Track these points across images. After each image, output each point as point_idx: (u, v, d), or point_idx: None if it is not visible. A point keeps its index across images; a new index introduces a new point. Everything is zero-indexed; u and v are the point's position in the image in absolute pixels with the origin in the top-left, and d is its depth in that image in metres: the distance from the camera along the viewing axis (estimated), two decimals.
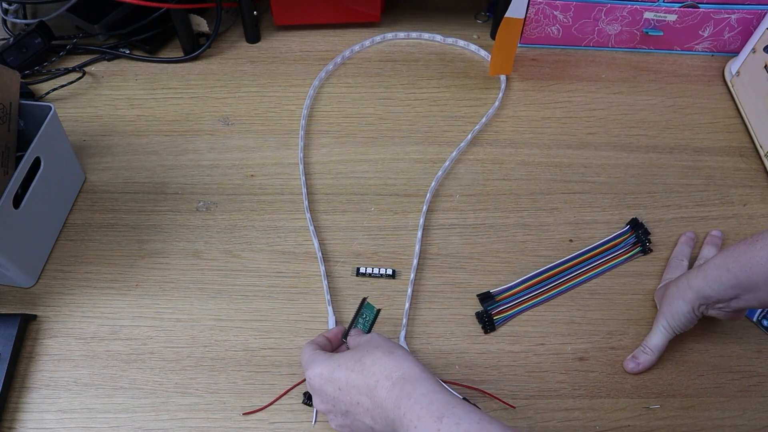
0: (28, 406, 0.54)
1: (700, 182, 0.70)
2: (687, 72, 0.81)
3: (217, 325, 0.59)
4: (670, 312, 0.55)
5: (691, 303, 0.53)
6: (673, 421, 0.54)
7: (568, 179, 0.70)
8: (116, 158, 0.71)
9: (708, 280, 0.52)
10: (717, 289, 0.51)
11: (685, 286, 0.54)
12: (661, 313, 0.56)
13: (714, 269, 0.52)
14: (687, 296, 0.54)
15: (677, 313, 0.55)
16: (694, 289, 0.53)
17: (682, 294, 0.54)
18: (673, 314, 0.55)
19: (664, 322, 0.56)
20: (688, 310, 0.54)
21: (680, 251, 0.63)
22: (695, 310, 0.54)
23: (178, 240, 0.64)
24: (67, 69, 0.79)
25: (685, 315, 0.54)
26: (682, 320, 0.55)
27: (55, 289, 0.61)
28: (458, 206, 0.68)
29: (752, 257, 0.49)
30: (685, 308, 0.54)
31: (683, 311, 0.54)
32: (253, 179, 0.69)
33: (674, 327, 0.55)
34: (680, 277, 0.56)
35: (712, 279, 0.52)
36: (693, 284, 0.53)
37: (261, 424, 0.53)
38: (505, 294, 0.61)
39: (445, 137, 0.73)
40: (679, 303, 0.54)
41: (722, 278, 0.51)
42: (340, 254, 0.64)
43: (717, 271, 0.51)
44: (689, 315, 0.54)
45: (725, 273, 0.51)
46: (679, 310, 0.54)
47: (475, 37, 0.84)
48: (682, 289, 0.54)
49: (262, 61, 0.81)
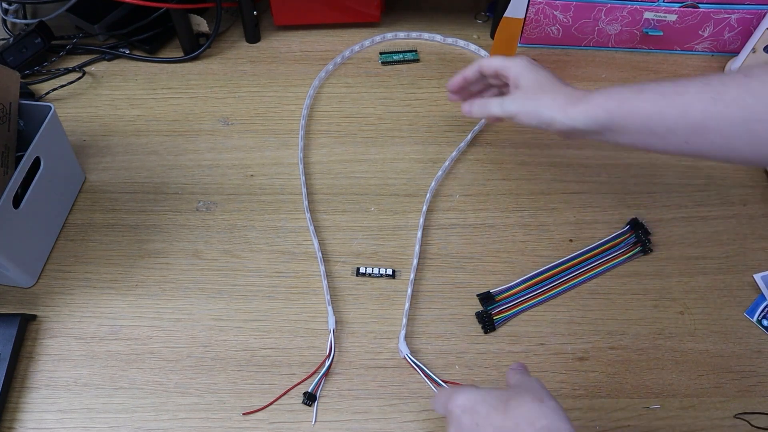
0: (28, 406, 0.54)
1: (700, 182, 0.70)
2: (687, 72, 0.81)
3: (217, 325, 0.59)
4: (533, 103, 0.55)
5: (552, 120, 0.53)
6: (673, 421, 0.54)
7: (568, 179, 0.70)
8: (116, 158, 0.71)
9: (586, 113, 0.52)
10: (586, 123, 0.52)
11: (562, 100, 0.53)
12: (527, 96, 0.56)
13: (595, 108, 0.51)
14: (556, 109, 0.53)
15: (537, 109, 0.55)
16: (567, 114, 0.52)
17: (556, 103, 0.54)
18: (534, 107, 0.55)
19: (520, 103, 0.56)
20: (548, 118, 0.54)
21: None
22: (549, 125, 0.54)
23: (178, 240, 0.64)
24: (67, 69, 0.79)
25: (540, 118, 0.54)
26: (534, 122, 0.55)
27: (55, 289, 0.61)
28: (458, 206, 0.68)
29: (636, 105, 0.49)
30: (546, 115, 0.54)
31: (544, 116, 0.54)
32: (253, 179, 0.69)
33: (522, 113, 0.56)
34: (562, 88, 0.54)
35: (588, 113, 0.51)
36: (570, 111, 0.52)
37: (261, 424, 0.53)
38: (505, 294, 0.61)
39: (445, 137, 0.73)
40: (547, 103, 0.54)
41: (599, 116, 0.51)
42: (340, 254, 0.64)
43: (596, 109, 0.51)
44: (543, 121, 0.54)
45: (603, 113, 0.51)
46: (542, 112, 0.54)
47: (475, 37, 0.84)
48: (558, 99, 0.54)
49: (262, 61, 0.81)
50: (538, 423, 0.40)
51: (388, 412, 0.54)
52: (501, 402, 0.42)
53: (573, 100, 0.53)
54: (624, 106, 0.50)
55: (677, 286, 0.62)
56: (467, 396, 0.44)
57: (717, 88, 0.46)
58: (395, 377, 0.56)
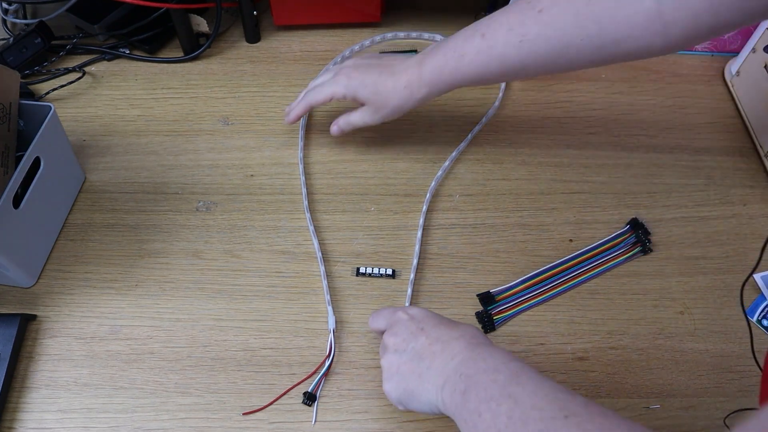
0: (28, 406, 0.54)
1: (700, 182, 0.70)
2: (687, 72, 0.81)
3: (217, 325, 0.59)
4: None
5: (404, 108, 0.63)
6: (673, 421, 0.54)
7: (568, 179, 0.70)
8: (116, 158, 0.71)
9: (428, 92, 0.60)
10: (430, 97, 0.61)
11: (404, 93, 0.61)
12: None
13: (431, 87, 0.60)
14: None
15: (391, 111, 0.63)
16: (414, 98, 0.61)
17: (401, 96, 0.61)
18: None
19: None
20: (403, 110, 0.63)
21: None
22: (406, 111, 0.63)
23: (178, 240, 0.64)
24: (67, 69, 0.79)
25: (400, 113, 0.63)
26: (396, 117, 0.64)
27: (55, 289, 0.61)
28: (458, 206, 0.68)
29: (464, 72, 0.57)
30: (400, 108, 0.63)
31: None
32: (253, 179, 0.69)
33: (381, 120, 0.64)
34: (395, 77, 0.61)
35: (430, 91, 0.60)
36: (415, 95, 0.60)
37: (261, 424, 0.53)
38: (505, 294, 0.61)
39: (445, 137, 0.73)
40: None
41: (438, 90, 0.60)
42: (340, 254, 0.64)
43: (434, 88, 0.60)
44: (402, 113, 0.63)
45: (442, 85, 0.60)
46: (396, 108, 0.63)
47: None
48: (399, 92, 0.61)
49: (262, 61, 0.81)
50: (477, 339, 0.46)
51: (388, 412, 0.54)
52: (447, 321, 0.49)
53: (413, 88, 0.60)
54: (455, 76, 0.57)
55: (677, 286, 0.62)
56: (419, 310, 0.50)
57: (519, 30, 0.52)
58: None
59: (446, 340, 0.46)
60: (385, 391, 0.48)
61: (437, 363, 0.45)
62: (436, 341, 0.47)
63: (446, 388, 0.44)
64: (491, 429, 0.38)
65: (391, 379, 0.48)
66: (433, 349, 0.46)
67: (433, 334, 0.47)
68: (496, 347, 0.45)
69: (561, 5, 0.50)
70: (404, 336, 0.48)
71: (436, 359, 0.46)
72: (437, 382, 0.45)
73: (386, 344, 0.49)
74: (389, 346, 0.49)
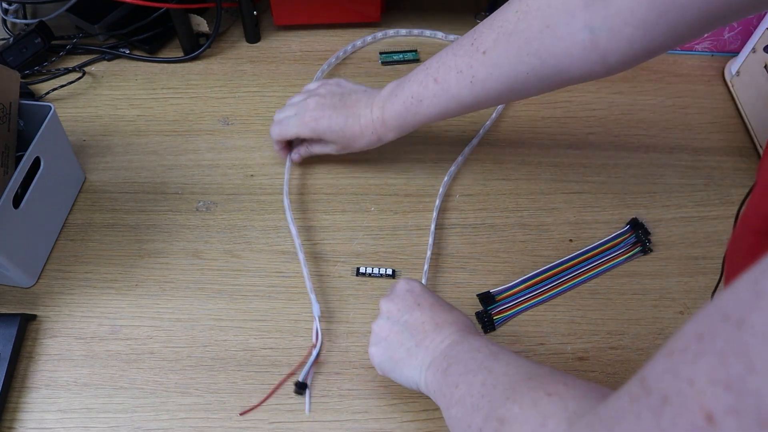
0: (28, 406, 0.54)
1: (700, 182, 0.70)
2: (687, 72, 0.81)
3: (217, 325, 0.59)
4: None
5: (369, 148, 0.66)
6: None
7: (568, 179, 0.70)
8: (116, 158, 0.71)
9: (392, 135, 0.64)
10: (393, 138, 0.64)
11: (367, 134, 0.63)
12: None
13: (392, 131, 0.63)
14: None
15: (353, 147, 0.66)
16: (378, 140, 0.64)
17: (364, 140, 0.64)
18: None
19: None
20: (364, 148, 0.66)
21: None
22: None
23: (178, 240, 0.64)
24: (67, 69, 0.79)
25: (358, 149, 0.66)
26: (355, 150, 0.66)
27: (55, 289, 0.61)
28: (458, 206, 0.68)
29: (423, 113, 0.60)
30: (361, 147, 0.65)
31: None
32: (253, 179, 0.69)
33: (343, 152, 0.67)
34: (354, 121, 0.63)
35: (390, 135, 0.64)
36: (381, 136, 0.64)
37: (261, 424, 0.53)
38: (505, 294, 0.61)
39: (445, 137, 0.73)
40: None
41: (400, 133, 0.63)
42: (340, 254, 0.64)
43: (393, 132, 0.63)
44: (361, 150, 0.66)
45: (402, 130, 0.63)
46: (357, 147, 0.65)
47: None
48: (364, 135, 0.64)
49: (262, 61, 0.81)
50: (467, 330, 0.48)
51: (388, 412, 0.54)
52: (444, 304, 0.51)
53: (379, 133, 0.63)
54: (418, 119, 0.60)
55: (677, 286, 0.62)
56: (420, 286, 0.52)
57: (468, 72, 0.55)
58: None
59: (439, 323, 0.48)
60: (369, 354, 0.51)
61: (427, 342, 0.47)
62: (429, 320, 0.48)
63: (431, 369, 0.46)
64: (466, 397, 0.41)
65: (378, 344, 0.50)
66: (425, 327, 0.48)
67: (428, 312, 0.49)
68: (484, 338, 0.47)
69: (502, 45, 0.52)
70: (399, 306, 0.50)
71: (427, 339, 0.47)
72: (423, 361, 0.47)
73: (381, 309, 0.51)
74: (383, 312, 0.51)
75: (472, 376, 0.42)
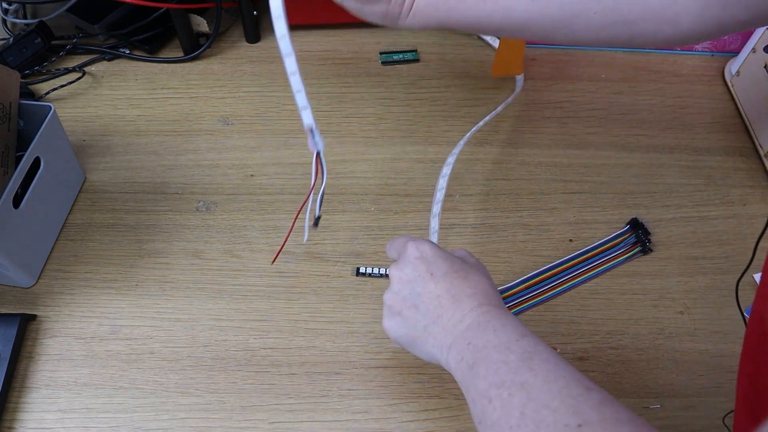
0: (28, 406, 0.54)
1: (700, 182, 0.70)
2: (687, 72, 0.81)
3: (217, 325, 0.59)
4: None
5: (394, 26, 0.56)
6: (673, 421, 0.54)
7: (568, 179, 0.70)
8: (116, 158, 0.71)
9: (420, 24, 0.54)
10: (421, 28, 0.55)
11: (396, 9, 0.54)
12: None
13: (426, 18, 0.53)
14: None
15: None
16: (402, 24, 0.55)
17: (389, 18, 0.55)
18: None
19: None
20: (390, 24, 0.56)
21: None
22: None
23: (178, 240, 0.64)
24: (67, 69, 0.79)
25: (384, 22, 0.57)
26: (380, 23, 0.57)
27: (55, 289, 0.61)
28: (458, 206, 0.68)
29: (463, 13, 0.52)
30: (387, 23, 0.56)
31: None
32: (253, 179, 0.69)
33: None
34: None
35: (421, 23, 0.54)
36: (406, 23, 0.55)
37: (261, 424, 0.53)
38: (505, 294, 0.61)
39: (445, 137, 0.73)
40: None
41: (431, 25, 0.54)
42: (340, 254, 0.64)
43: (428, 20, 0.54)
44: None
45: (434, 21, 0.53)
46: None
47: (476, 37, 0.84)
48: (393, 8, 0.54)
49: (262, 61, 0.81)
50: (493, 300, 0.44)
51: (388, 412, 0.54)
52: (462, 269, 0.45)
53: (405, 15, 0.54)
54: (451, 15, 0.52)
55: (677, 286, 0.62)
56: (432, 248, 0.46)
57: None
58: (395, 377, 0.56)
59: (456, 295, 0.43)
60: (384, 327, 0.47)
61: (444, 320, 0.43)
62: (445, 293, 0.44)
63: (452, 351, 0.42)
64: (502, 422, 0.36)
65: (392, 318, 0.46)
66: (441, 302, 0.44)
67: (442, 283, 0.44)
68: (508, 315, 0.43)
69: None
70: (410, 276, 0.46)
71: (444, 315, 0.43)
72: (443, 341, 0.43)
73: (391, 277, 0.47)
74: (393, 282, 0.47)
75: (508, 394, 0.37)
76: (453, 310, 0.43)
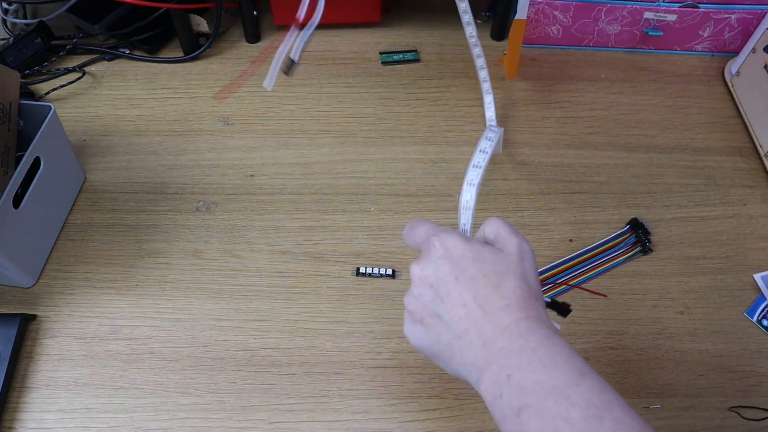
0: (28, 406, 0.54)
1: (700, 182, 0.70)
2: (687, 72, 0.81)
3: (217, 325, 0.59)
4: None
5: None
6: (673, 421, 0.54)
7: (568, 179, 0.70)
8: (116, 158, 0.71)
9: None
10: None
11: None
12: None
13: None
14: None
15: None
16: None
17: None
18: None
19: None
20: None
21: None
22: None
23: (178, 240, 0.64)
24: (67, 69, 0.79)
25: None
26: None
27: (55, 289, 0.61)
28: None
29: None
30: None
31: None
32: (253, 179, 0.69)
33: None
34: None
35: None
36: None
37: (261, 424, 0.53)
38: None
39: (445, 137, 0.73)
40: None
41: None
42: (340, 254, 0.64)
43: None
44: None
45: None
46: None
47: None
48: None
49: (262, 61, 0.81)
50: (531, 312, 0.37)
51: (388, 412, 0.54)
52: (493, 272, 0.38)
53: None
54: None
55: (677, 286, 0.62)
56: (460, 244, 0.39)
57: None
58: (395, 377, 0.56)
59: (485, 306, 0.37)
60: (405, 334, 0.41)
61: (472, 336, 0.37)
62: (472, 302, 0.37)
63: (486, 379, 0.36)
64: None
65: (414, 326, 0.40)
66: (469, 313, 0.37)
67: (469, 290, 0.38)
68: (553, 335, 0.36)
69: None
70: (432, 278, 0.39)
71: (471, 331, 0.37)
72: (473, 362, 0.37)
73: (411, 275, 0.41)
74: (414, 282, 0.40)
75: None
76: (483, 325, 0.37)
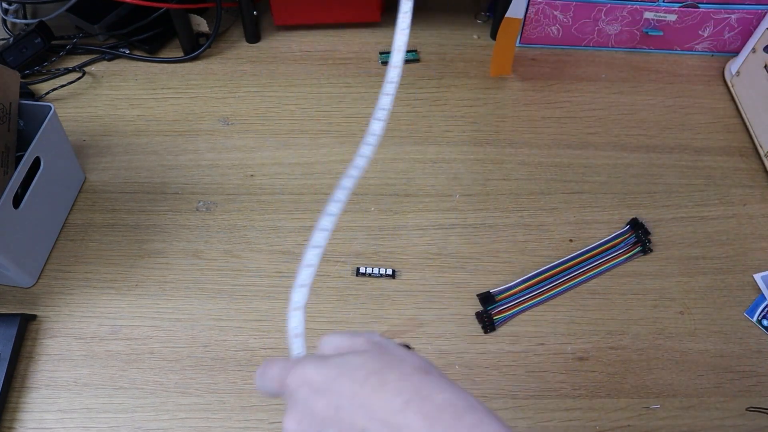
0: (28, 406, 0.54)
1: (700, 182, 0.70)
2: (687, 72, 0.81)
3: (217, 325, 0.59)
4: None
5: None
6: (673, 421, 0.54)
7: (568, 179, 0.70)
8: (116, 158, 0.71)
9: None
10: None
11: None
12: None
13: None
14: None
15: None
16: None
17: None
18: None
19: None
20: None
21: None
22: None
23: (178, 240, 0.64)
24: (67, 69, 0.79)
25: None
26: None
27: (55, 289, 0.61)
28: (458, 206, 0.68)
29: None
30: None
31: None
32: (253, 179, 0.69)
33: None
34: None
35: None
36: None
37: (261, 424, 0.53)
38: (505, 294, 0.61)
39: (445, 137, 0.73)
40: None
41: None
42: (340, 254, 0.64)
43: None
44: None
45: None
46: None
47: (475, 37, 0.84)
48: None
49: (262, 61, 0.81)
50: (437, 397, 0.30)
51: None
52: (371, 374, 0.31)
53: None
54: None
55: (677, 286, 0.62)
56: (317, 369, 0.32)
57: None
58: None
59: (388, 417, 0.30)
60: None
61: None
62: (371, 419, 0.30)
63: None
64: None
65: None
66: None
67: (361, 411, 0.30)
68: (478, 410, 0.30)
69: None
70: (314, 424, 0.31)
71: None
72: None
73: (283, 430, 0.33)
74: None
75: None
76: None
